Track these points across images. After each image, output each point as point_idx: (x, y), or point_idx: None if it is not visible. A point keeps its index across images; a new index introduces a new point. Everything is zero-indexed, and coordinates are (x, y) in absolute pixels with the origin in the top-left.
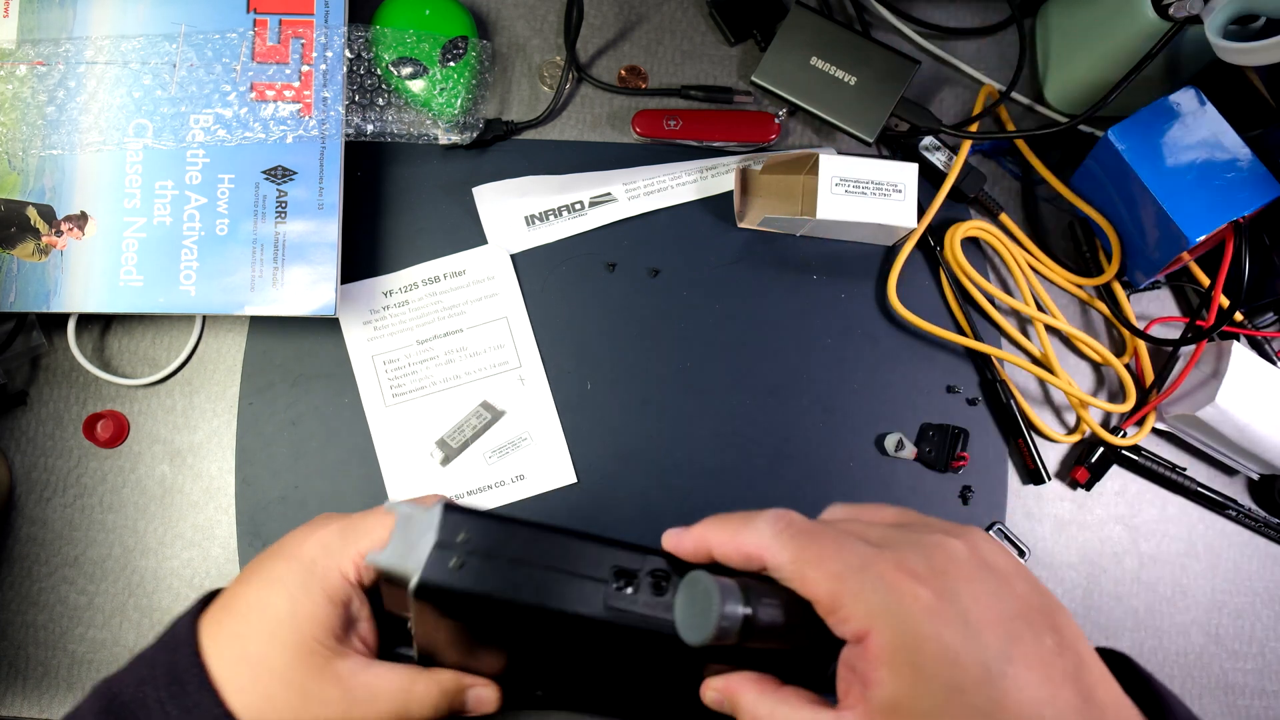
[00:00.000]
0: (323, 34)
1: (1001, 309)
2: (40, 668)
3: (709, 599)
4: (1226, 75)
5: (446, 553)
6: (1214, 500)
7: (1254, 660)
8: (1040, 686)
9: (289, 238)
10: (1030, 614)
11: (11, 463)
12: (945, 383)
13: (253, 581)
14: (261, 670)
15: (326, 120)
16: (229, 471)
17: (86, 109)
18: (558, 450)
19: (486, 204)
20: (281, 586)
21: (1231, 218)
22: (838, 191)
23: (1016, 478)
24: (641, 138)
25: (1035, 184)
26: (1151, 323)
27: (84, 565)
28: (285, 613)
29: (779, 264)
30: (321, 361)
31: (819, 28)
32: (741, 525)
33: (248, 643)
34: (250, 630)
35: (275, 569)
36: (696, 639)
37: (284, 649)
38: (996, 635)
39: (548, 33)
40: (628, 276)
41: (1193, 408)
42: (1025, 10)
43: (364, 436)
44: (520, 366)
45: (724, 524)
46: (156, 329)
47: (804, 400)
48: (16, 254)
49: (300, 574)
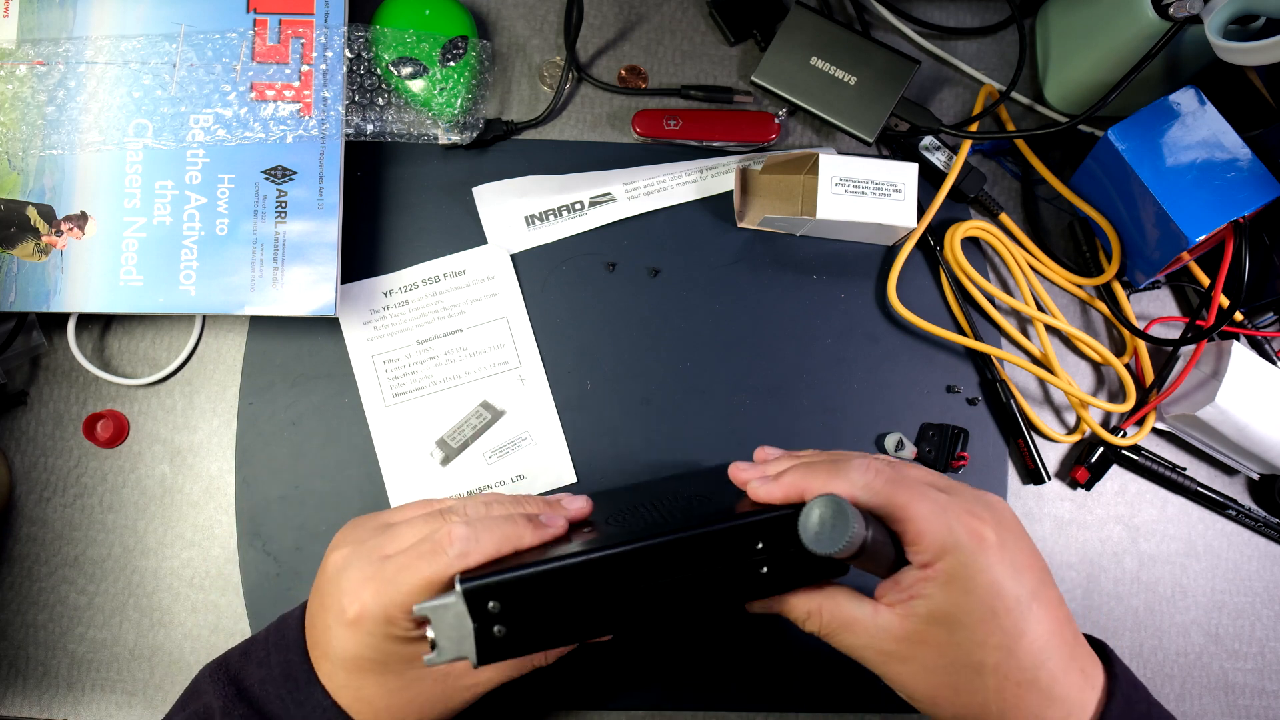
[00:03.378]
0: (323, 34)
1: (1001, 309)
2: (40, 668)
3: (846, 519)
4: (1226, 75)
5: (487, 627)
6: (1214, 500)
7: (1254, 660)
8: (1050, 623)
9: (289, 238)
10: (1044, 570)
11: (11, 463)
12: (945, 383)
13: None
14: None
15: (326, 120)
16: (229, 471)
17: (86, 109)
18: (558, 450)
19: (486, 204)
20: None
21: (1231, 218)
22: (838, 191)
23: (1016, 478)
24: (641, 138)
25: (1035, 184)
26: (1151, 323)
27: (84, 565)
28: (364, 659)
29: (779, 264)
30: (321, 361)
31: (819, 28)
32: (833, 474)
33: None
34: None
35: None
36: (829, 549)
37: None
38: (1031, 579)
39: (548, 33)
40: (628, 276)
41: (1193, 408)
42: (1025, 10)
43: (364, 436)
44: (520, 366)
45: (814, 472)
46: (156, 329)
47: (804, 400)
48: (16, 254)
49: (358, 634)
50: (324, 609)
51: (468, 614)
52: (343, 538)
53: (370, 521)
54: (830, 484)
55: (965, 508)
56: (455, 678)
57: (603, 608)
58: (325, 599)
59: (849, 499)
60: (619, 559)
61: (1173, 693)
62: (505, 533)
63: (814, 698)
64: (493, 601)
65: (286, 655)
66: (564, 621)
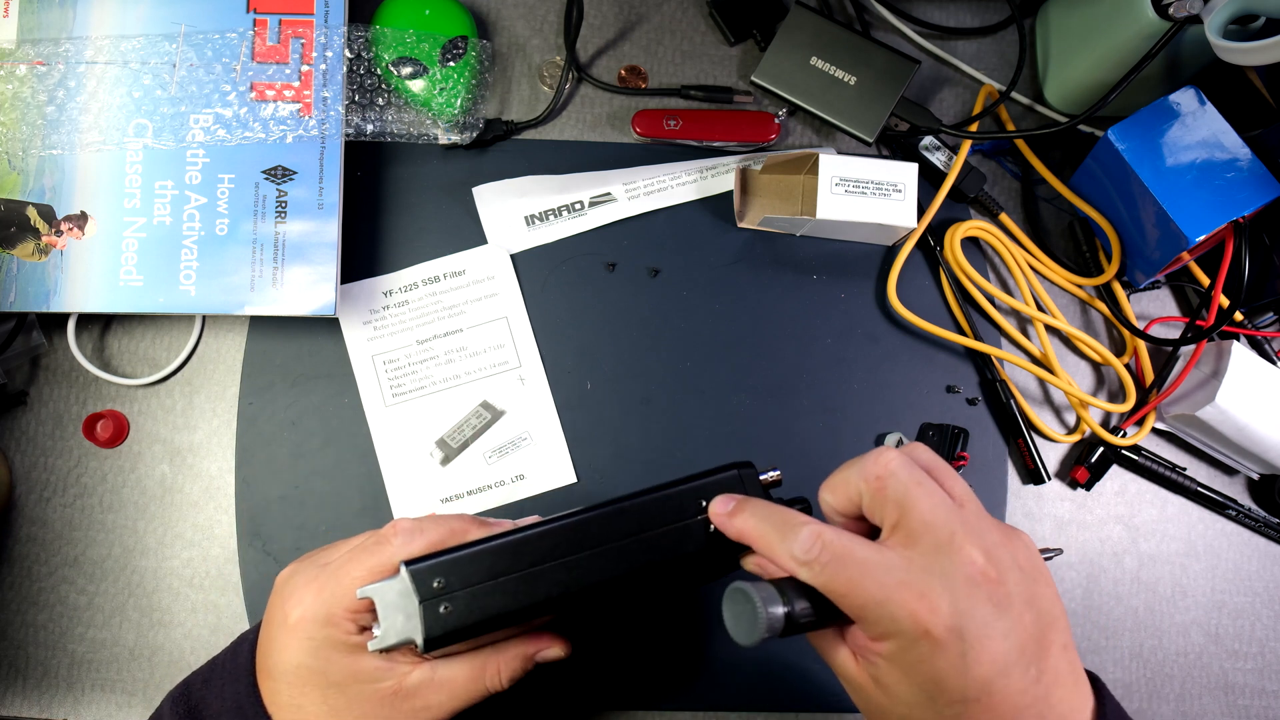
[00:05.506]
0: (323, 34)
1: (1001, 309)
2: (40, 668)
3: (751, 606)
4: (1226, 75)
5: (434, 603)
6: (1214, 500)
7: (1254, 660)
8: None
9: (289, 238)
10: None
11: (11, 463)
12: (945, 383)
13: (273, 650)
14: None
15: (326, 120)
16: (229, 471)
17: (86, 109)
18: (557, 450)
19: (486, 204)
20: (290, 649)
21: (1231, 218)
22: (838, 191)
23: (1016, 478)
24: (641, 138)
25: (1035, 184)
26: (1151, 323)
27: (84, 565)
28: (305, 667)
29: (779, 264)
30: (321, 361)
31: (819, 28)
32: (778, 539)
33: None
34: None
35: (278, 641)
36: (748, 641)
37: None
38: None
39: (548, 33)
40: (628, 276)
41: (1193, 408)
42: (1025, 10)
43: (364, 436)
44: (520, 366)
45: (764, 527)
46: (156, 329)
47: (804, 400)
48: (16, 254)
49: (299, 638)
50: (269, 621)
51: (413, 589)
52: (289, 567)
53: (316, 553)
54: (773, 549)
55: (918, 589)
56: (403, 698)
57: (550, 578)
58: (271, 611)
59: (787, 570)
60: (564, 528)
61: (1173, 693)
62: (451, 527)
63: (813, 697)
64: (438, 578)
65: (237, 686)
66: (512, 595)
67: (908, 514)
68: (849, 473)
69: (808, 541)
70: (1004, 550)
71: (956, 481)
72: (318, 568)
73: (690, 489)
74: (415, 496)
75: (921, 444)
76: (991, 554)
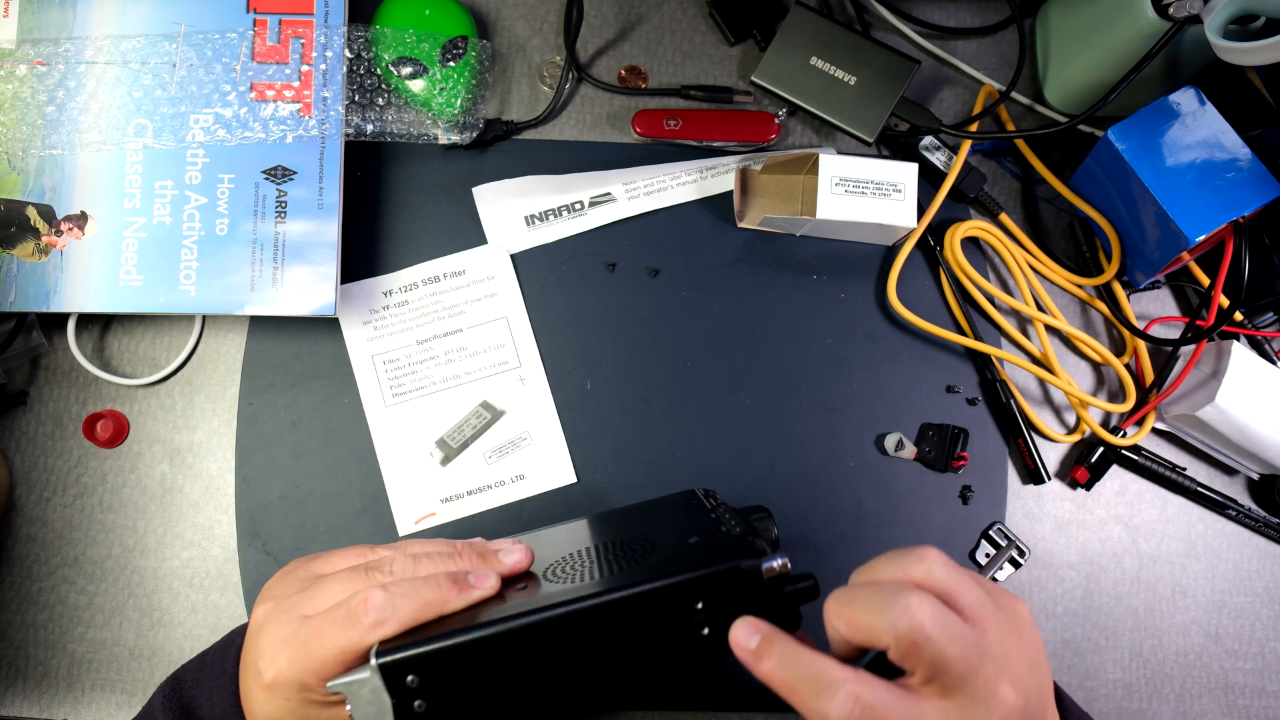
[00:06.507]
0: (323, 34)
1: (1001, 309)
2: (40, 668)
3: None
4: (1226, 75)
5: (406, 703)
6: (1214, 500)
7: (1254, 660)
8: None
9: (289, 238)
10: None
11: (11, 463)
12: (945, 383)
13: (251, 699)
14: None
15: (326, 120)
16: (229, 471)
17: (86, 109)
18: (557, 450)
19: (486, 204)
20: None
21: (1231, 218)
22: (838, 191)
23: (1016, 478)
24: (641, 138)
25: (1035, 184)
26: (1151, 323)
27: (84, 565)
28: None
29: (779, 264)
30: (321, 361)
31: (819, 28)
32: (811, 695)
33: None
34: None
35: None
36: None
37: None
38: None
39: (548, 33)
40: (628, 276)
41: (1193, 408)
42: (1025, 10)
43: (364, 436)
44: (520, 366)
45: (794, 679)
46: (156, 329)
47: (804, 400)
48: (16, 254)
49: (275, 699)
50: (246, 667)
51: (384, 689)
52: (268, 590)
53: (300, 570)
54: (804, 704)
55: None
56: None
57: (531, 678)
58: (247, 656)
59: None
60: (544, 625)
61: (1173, 693)
62: (426, 599)
63: None
64: (411, 675)
65: (224, 694)
66: (490, 694)
67: (944, 671)
68: (872, 618)
69: (846, 706)
70: (1022, 663)
71: (968, 590)
72: (292, 625)
73: (685, 582)
74: (415, 496)
75: (933, 552)
76: (1019, 683)
